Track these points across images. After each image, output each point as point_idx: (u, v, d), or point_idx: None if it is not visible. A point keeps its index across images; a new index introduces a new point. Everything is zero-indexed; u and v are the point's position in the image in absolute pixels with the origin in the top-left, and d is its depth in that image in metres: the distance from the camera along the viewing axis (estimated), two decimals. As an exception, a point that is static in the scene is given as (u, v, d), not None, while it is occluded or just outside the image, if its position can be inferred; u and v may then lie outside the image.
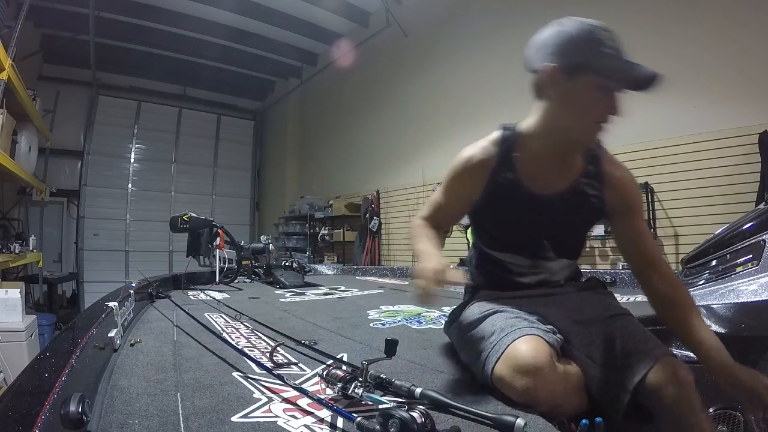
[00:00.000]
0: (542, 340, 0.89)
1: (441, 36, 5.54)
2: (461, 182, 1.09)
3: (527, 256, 1.12)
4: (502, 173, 1.05)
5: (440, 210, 1.16)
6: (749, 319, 1.18)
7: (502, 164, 1.05)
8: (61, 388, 0.69)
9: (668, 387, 0.85)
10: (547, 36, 0.95)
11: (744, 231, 1.38)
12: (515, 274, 1.14)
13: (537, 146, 1.02)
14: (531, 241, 1.11)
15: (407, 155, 5.89)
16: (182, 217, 2.82)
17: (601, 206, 1.07)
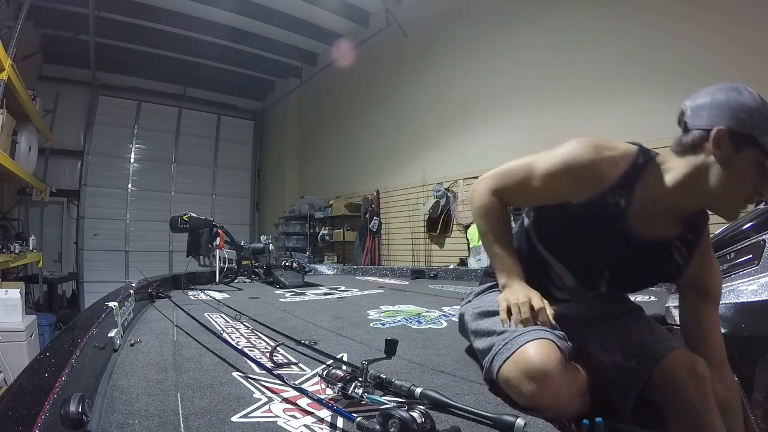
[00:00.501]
0: (553, 345, 0.87)
1: (441, 36, 5.54)
2: (571, 184, 0.97)
3: (578, 276, 1.07)
4: (616, 195, 0.95)
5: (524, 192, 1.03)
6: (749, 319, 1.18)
7: (621, 187, 0.95)
8: (61, 388, 0.69)
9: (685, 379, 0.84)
10: (720, 98, 0.88)
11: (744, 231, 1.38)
12: (554, 286, 1.10)
13: (664, 194, 0.94)
14: (594, 270, 1.05)
15: (407, 155, 5.89)
16: (182, 217, 2.82)
17: (678, 275, 1.02)
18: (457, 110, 5.24)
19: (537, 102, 4.27)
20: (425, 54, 5.74)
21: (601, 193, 0.95)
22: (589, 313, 1.03)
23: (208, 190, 9.04)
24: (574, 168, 0.94)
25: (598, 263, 1.04)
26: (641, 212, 0.96)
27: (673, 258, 0.99)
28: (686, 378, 0.84)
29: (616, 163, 0.95)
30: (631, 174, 0.95)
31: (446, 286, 2.96)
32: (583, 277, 1.07)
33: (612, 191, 0.95)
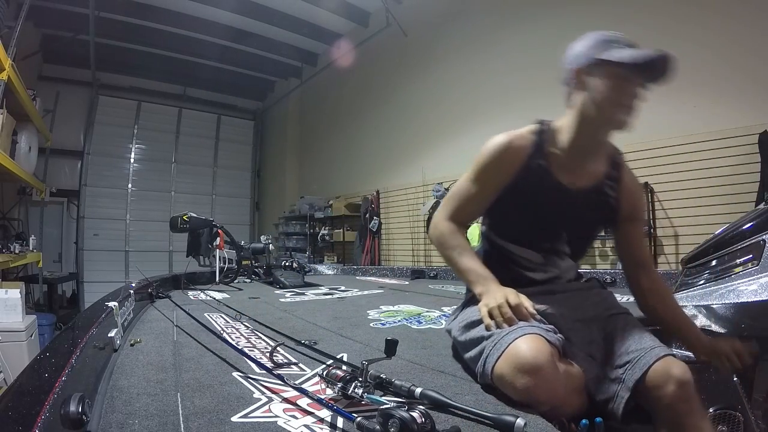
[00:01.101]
0: (543, 339, 0.89)
1: (441, 36, 5.54)
2: (497, 167, 1.10)
3: (542, 251, 1.14)
4: (536, 160, 1.09)
5: (470, 201, 1.14)
6: (749, 319, 1.18)
7: (536, 152, 1.09)
8: (61, 388, 0.69)
9: (667, 386, 0.86)
10: (571, 48, 1.07)
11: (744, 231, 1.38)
12: (526, 269, 1.15)
13: (568, 141, 1.09)
14: (550, 234, 1.13)
15: (407, 155, 5.89)
16: (182, 217, 2.82)
17: (617, 208, 1.15)
18: (457, 110, 5.24)
19: (537, 102, 4.25)
20: (425, 54, 5.74)
21: (523, 163, 1.09)
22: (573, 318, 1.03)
23: (208, 190, 9.04)
24: (492, 153, 1.10)
25: (552, 225, 1.13)
26: (563, 166, 1.09)
27: (606, 194, 1.13)
28: (670, 385, 0.86)
29: (523, 135, 1.11)
30: (540, 138, 1.10)
31: (446, 286, 2.96)
32: (544, 247, 1.14)
33: (531, 158, 1.09)
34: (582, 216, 1.13)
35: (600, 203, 1.13)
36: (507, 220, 1.16)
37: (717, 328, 1.23)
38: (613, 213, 1.15)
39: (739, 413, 1.10)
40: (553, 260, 1.15)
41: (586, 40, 1.04)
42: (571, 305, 1.06)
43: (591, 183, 1.11)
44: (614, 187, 1.14)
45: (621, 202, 1.14)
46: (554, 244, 1.14)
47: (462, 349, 1.09)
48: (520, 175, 1.09)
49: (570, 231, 1.14)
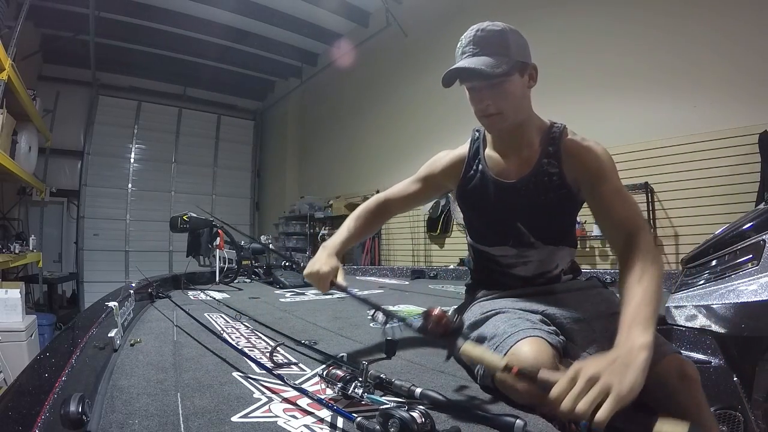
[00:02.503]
0: (545, 341, 0.89)
1: (441, 36, 5.53)
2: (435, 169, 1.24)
3: (510, 245, 1.15)
4: (473, 165, 1.18)
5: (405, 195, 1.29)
6: (749, 319, 1.18)
7: (472, 158, 1.18)
8: (61, 388, 0.69)
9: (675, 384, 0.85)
10: None
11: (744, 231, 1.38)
12: (507, 266, 1.17)
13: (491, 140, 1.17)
14: (508, 229, 1.15)
15: (407, 155, 5.89)
16: (182, 217, 2.82)
17: (563, 182, 1.08)
18: (457, 110, 5.23)
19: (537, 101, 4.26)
20: (425, 54, 5.73)
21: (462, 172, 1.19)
22: (574, 317, 1.03)
23: (208, 190, 9.04)
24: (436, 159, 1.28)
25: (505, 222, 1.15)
26: (497, 164, 1.14)
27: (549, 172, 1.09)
28: (677, 382, 0.85)
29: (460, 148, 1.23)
30: (475, 146, 1.20)
31: (446, 286, 2.96)
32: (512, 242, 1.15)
33: (469, 163, 1.18)
34: (529, 203, 1.10)
35: (545, 184, 1.08)
36: (472, 225, 1.25)
37: (717, 328, 1.23)
38: (561, 187, 1.07)
39: (739, 413, 1.10)
40: (525, 250, 1.14)
41: None
42: (572, 305, 1.06)
43: (529, 168, 1.10)
44: (553, 163, 1.08)
45: (565, 171, 1.07)
46: (517, 237, 1.14)
47: None
48: (462, 182, 1.19)
49: (524, 221, 1.12)
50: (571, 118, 1.25)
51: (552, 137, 1.10)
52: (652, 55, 3.46)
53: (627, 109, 3.60)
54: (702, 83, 3.21)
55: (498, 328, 0.96)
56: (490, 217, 1.17)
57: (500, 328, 0.95)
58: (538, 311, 1.04)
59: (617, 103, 3.68)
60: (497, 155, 1.15)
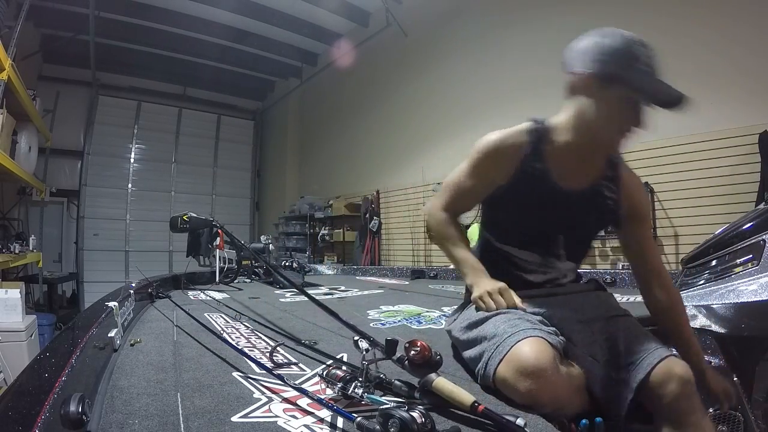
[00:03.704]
0: (545, 342, 0.88)
1: (441, 36, 5.54)
2: (491, 164, 1.09)
3: (539, 252, 1.13)
4: (532, 162, 1.07)
5: (464, 194, 1.16)
6: (749, 319, 1.18)
7: (532, 153, 1.07)
8: (61, 388, 0.69)
9: (670, 384, 0.86)
10: (588, 43, 1.00)
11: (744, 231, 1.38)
12: (524, 271, 1.14)
13: (565, 142, 1.05)
14: (546, 235, 1.12)
15: (407, 155, 5.89)
16: (182, 217, 2.81)
17: (616, 209, 1.12)
18: (457, 110, 5.24)
19: (537, 101, 4.26)
20: (425, 54, 5.73)
21: (519, 162, 1.07)
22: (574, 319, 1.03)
23: (208, 190, 9.04)
24: (489, 149, 1.09)
25: (549, 227, 1.11)
26: (560, 167, 1.07)
27: (605, 195, 1.10)
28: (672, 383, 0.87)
29: (519, 134, 1.08)
30: (536, 138, 1.07)
31: (446, 286, 2.96)
32: (541, 249, 1.13)
33: (527, 159, 1.07)
34: (579, 219, 1.11)
35: (598, 205, 1.10)
36: (504, 222, 1.16)
37: (717, 328, 1.23)
38: (612, 214, 1.12)
39: (739, 413, 1.10)
40: (551, 262, 1.14)
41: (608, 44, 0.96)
42: (571, 307, 1.06)
43: (588, 185, 1.09)
44: (612, 188, 1.10)
45: (620, 202, 1.11)
46: (551, 247, 1.13)
47: (462, 348, 1.09)
48: (516, 177, 1.08)
49: (567, 234, 1.12)
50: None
51: (613, 162, 1.11)
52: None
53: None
54: (702, 83, 3.20)
55: (498, 327, 0.96)
56: (534, 218, 1.11)
57: (500, 328, 0.95)
58: (538, 312, 1.04)
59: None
60: (561, 157, 1.06)
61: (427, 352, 0.86)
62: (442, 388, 0.80)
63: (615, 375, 0.92)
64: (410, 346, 0.88)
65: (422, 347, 0.86)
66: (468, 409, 0.76)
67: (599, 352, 0.97)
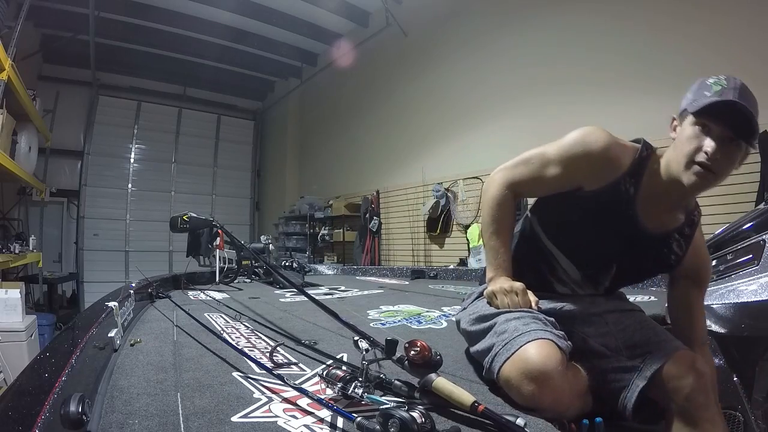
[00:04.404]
0: (554, 345, 0.87)
1: (441, 36, 5.53)
2: (588, 167, 0.98)
3: (584, 272, 1.08)
4: (627, 183, 0.98)
5: (540, 180, 1.03)
6: (749, 319, 1.18)
7: (631, 175, 0.98)
8: (61, 388, 0.69)
9: (686, 378, 0.85)
10: None
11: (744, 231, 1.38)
12: (557, 280, 1.11)
13: (659, 181, 0.98)
14: (603, 261, 1.07)
15: (407, 155, 5.89)
16: (182, 217, 2.81)
17: (677, 265, 1.07)
18: (457, 110, 5.24)
19: (537, 101, 4.28)
20: (425, 54, 5.73)
21: (614, 179, 0.98)
22: (588, 311, 1.04)
23: (208, 190, 9.04)
24: (592, 151, 0.97)
25: (606, 257, 1.06)
26: (648, 202, 0.99)
27: (673, 250, 1.04)
28: (688, 376, 0.86)
29: (627, 150, 0.99)
30: (639, 163, 0.98)
31: (446, 286, 2.96)
32: (589, 272, 1.08)
33: (624, 178, 0.98)
34: (640, 258, 1.05)
35: (663, 255, 1.05)
36: (566, 226, 1.07)
37: (717, 328, 1.23)
38: (670, 268, 1.08)
39: (739, 413, 1.10)
40: (588, 284, 1.10)
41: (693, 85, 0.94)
42: (586, 301, 1.07)
43: (663, 231, 1.02)
44: (682, 245, 1.04)
45: (684, 261, 1.06)
46: (599, 273, 1.08)
47: (470, 340, 1.08)
48: (605, 189, 0.98)
49: (621, 266, 1.07)
50: (571, 118, 1.25)
51: (692, 220, 1.05)
52: (652, 55, 3.46)
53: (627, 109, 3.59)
54: (702, 83, 3.21)
55: (509, 324, 0.95)
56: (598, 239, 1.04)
57: (511, 325, 0.94)
58: (551, 310, 1.04)
59: (617, 103, 3.68)
60: (651, 194, 0.99)
61: (427, 352, 0.86)
62: (442, 388, 0.80)
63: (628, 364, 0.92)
64: (410, 346, 0.88)
65: (422, 347, 0.86)
66: (468, 409, 0.76)
67: (612, 342, 0.97)
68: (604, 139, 0.98)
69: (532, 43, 4.40)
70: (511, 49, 4.62)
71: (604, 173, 0.98)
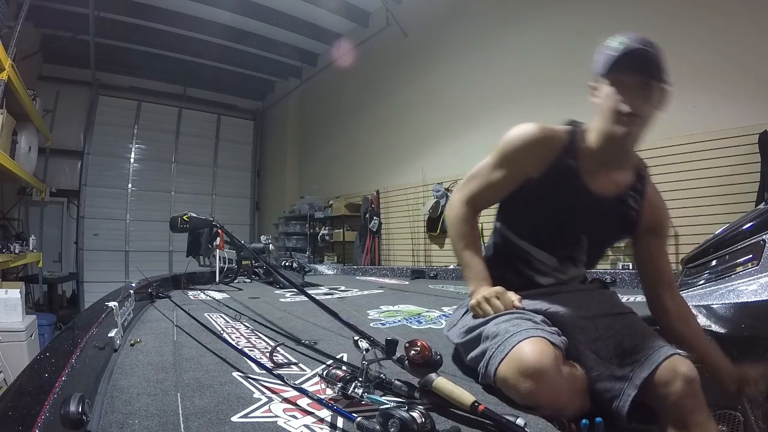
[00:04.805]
0: (547, 342, 0.88)
1: (441, 36, 5.53)
2: (526, 156, 1.06)
3: (558, 256, 1.13)
4: (566, 160, 1.06)
5: (490, 187, 1.11)
6: (749, 319, 1.18)
7: (567, 151, 1.07)
8: (61, 388, 0.69)
9: (676, 383, 0.86)
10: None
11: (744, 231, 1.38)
12: (536, 272, 1.14)
13: (596, 146, 1.05)
14: (571, 237, 1.11)
15: (407, 155, 5.89)
16: (182, 217, 2.81)
17: (637, 220, 1.12)
18: (457, 110, 5.24)
19: (537, 101, 4.27)
20: (425, 54, 5.73)
21: (554, 158, 1.06)
22: (578, 314, 1.03)
23: (208, 190, 9.04)
24: (525, 140, 1.06)
25: (573, 233, 1.11)
26: (592, 169, 1.07)
27: (630, 206, 1.11)
28: (678, 381, 0.87)
29: (557, 131, 1.08)
30: (572, 137, 1.08)
31: (446, 286, 2.96)
32: (562, 253, 1.13)
33: (562, 155, 1.07)
34: (603, 223, 1.11)
35: (622, 213, 1.11)
36: (528, 218, 1.12)
37: (717, 328, 1.23)
38: (633, 223, 1.13)
39: (739, 413, 1.10)
40: (567, 266, 1.14)
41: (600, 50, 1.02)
42: (576, 304, 1.07)
43: (615, 191, 1.09)
44: (637, 200, 1.11)
45: (642, 215, 1.12)
46: (573, 251, 1.13)
47: (464, 349, 1.09)
48: (548, 172, 1.06)
49: (590, 237, 1.12)
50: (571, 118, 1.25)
51: (641, 176, 1.12)
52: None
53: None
54: (701, 83, 3.20)
55: (500, 326, 0.96)
56: (560, 218, 1.09)
57: (502, 327, 0.95)
58: (542, 310, 1.04)
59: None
60: (592, 161, 1.07)
61: (427, 352, 0.86)
62: (442, 388, 0.80)
63: (618, 372, 0.93)
64: (410, 346, 0.88)
65: (422, 347, 0.86)
66: (468, 409, 0.76)
67: (603, 349, 0.97)
68: (533, 127, 1.06)
69: (531, 44, 4.40)
70: (510, 49, 4.62)
71: (543, 156, 1.06)
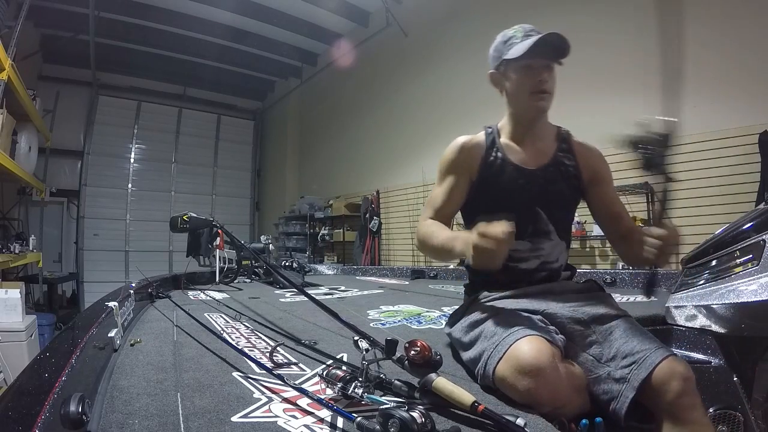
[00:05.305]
0: (544, 340, 0.89)
1: (441, 36, 5.54)
2: (459, 165, 1.21)
3: (527, 236, 1.16)
4: (492, 154, 1.21)
5: (443, 201, 1.22)
6: (749, 319, 1.18)
7: (490, 147, 1.22)
8: (61, 388, 0.69)
9: (672, 383, 0.87)
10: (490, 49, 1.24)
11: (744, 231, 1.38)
12: (516, 261, 1.16)
13: (512, 131, 1.23)
14: (527, 213, 1.16)
15: (407, 155, 5.89)
16: (182, 217, 2.81)
17: (578, 174, 1.22)
18: (457, 110, 5.24)
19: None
20: (425, 54, 5.73)
21: (482, 156, 1.21)
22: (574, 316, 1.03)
23: (208, 190, 9.05)
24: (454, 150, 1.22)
25: (528, 211, 1.17)
26: (515, 151, 1.21)
27: (566, 164, 1.22)
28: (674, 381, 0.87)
29: (477, 135, 1.25)
30: (491, 135, 1.25)
31: (446, 286, 2.96)
32: (529, 231, 1.17)
33: (488, 151, 1.22)
34: (551, 189, 1.19)
35: (562, 174, 1.21)
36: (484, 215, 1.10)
37: (717, 328, 1.23)
38: (577, 179, 1.22)
39: (739, 413, 1.10)
40: (541, 242, 1.18)
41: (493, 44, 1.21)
42: (570, 306, 1.07)
43: (546, 159, 1.21)
44: (569, 157, 1.23)
45: (580, 166, 1.22)
46: (536, 225, 1.18)
47: (462, 350, 1.09)
48: (483, 170, 1.20)
49: (545, 207, 1.18)
50: (570, 118, 1.28)
51: (562, 136, 1.26)
52: (653, 56, 3.46)
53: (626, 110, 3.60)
54: (702, 83, 3.20)
55: (498, 326, 0.96)
56: (511, 202, 1.16)
57: (500, 327, 0.96)
58: (538, 311, 1.04)
59: (616, 103, 3.68)
60: (515, 144, 1.22)
61: (427, 352, 0.86)
62: (442, 388, 0.80)
63: (615, 374, 0.93)
64: (410, 346, 0.88)
65: (422, 347, 0.86)
66: (468, 409, 0.76)
67: (599, 352, 0.98)
68: (457, 139, 1.24)
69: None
70: (511, 49, 4.62)
71: (473, 157, 1.21)
